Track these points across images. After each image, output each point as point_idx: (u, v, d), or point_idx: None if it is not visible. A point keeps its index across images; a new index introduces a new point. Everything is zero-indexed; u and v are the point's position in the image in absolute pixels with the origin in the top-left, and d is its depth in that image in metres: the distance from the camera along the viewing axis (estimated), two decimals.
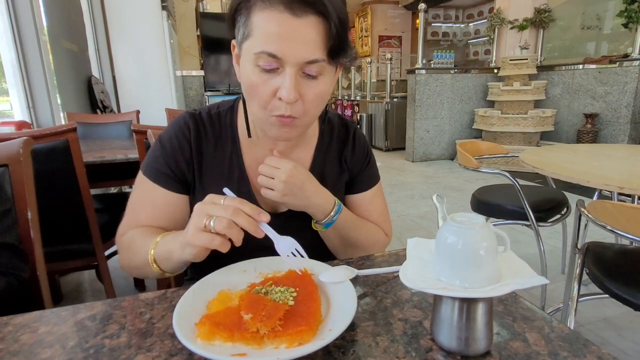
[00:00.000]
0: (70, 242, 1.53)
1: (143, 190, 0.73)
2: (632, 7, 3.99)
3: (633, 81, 4.15)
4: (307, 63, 0.58)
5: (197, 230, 0.53)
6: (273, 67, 0.58)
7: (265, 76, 0.59)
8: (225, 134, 0.76)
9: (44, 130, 1.38)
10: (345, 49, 0.61)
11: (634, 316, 1.74)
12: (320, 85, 0.62)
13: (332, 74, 0.64)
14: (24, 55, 2.45)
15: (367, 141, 0.88)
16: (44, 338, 0.50)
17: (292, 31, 0.56)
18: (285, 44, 0.56)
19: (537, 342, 0.47)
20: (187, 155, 0.73)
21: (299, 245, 0.60)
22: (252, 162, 0.76)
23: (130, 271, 0.71)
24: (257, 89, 0.60)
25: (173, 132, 0.74)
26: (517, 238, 2.67)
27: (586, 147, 2.16)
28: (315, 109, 0.64)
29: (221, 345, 0.45)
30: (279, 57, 0.57)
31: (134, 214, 0.73)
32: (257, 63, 0.58)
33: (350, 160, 0.83)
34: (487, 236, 0.43)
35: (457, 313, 0.45)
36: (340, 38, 0.59)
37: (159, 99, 3.85)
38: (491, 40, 5.68)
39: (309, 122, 0.67)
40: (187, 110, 0.78)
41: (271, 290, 0.54)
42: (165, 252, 0.61)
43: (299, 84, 0.60)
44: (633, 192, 1.24)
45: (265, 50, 0.57)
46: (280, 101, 0.60)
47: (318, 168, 0.80)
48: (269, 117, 0.63)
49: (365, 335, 0.49)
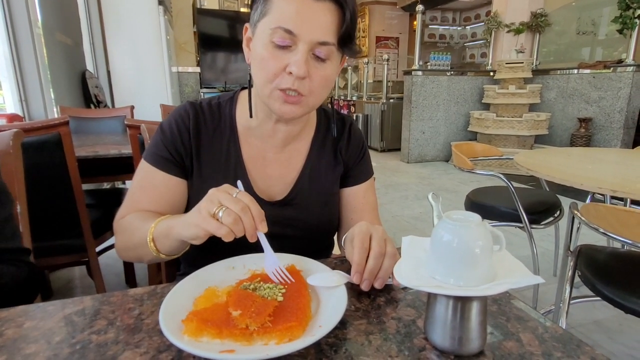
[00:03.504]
0: (60, 237, 1.51)
1: (144, 174, 0.75)
2: (626, 13, 4.02)
3: (627, 87, 4.19)
4: (319, 44, 0.62)
5: (208, 215, 0.54)
6: (286, 44, 0.62)
7: (278, 52, 0.63)
8: (224, 123, 0.79)
9: (35, 123, 1.36)
10: (353, 40, 0.66)
11: (624, 319, 1.76)
12: (327, 69, 0.65)
13: (337, 61, 0.68)
14: (17, 48, 2.42)
15: (363, 135, 0.89)
16: (29, 333, 0.49)
17: (309, 12, 0.60)
18: (302, 22, 0.60)
19: (531, 342, 0.47)
20: (185, 141, 0.75)
21: (284, 268, 0.59)
22: (249, 151, 0.78)
23: (125, 254, 0.72)
24: (268, 62, 0.63)
25: (173, 119, 0.76)
26: (510, 240, 2.68)
27: (580, 151, 2.17)
28: (321, 91, 0.68)
29: (209, 341, 0.45)
30: (295, 34, 0.61)
31: (134, 198, 0.74)
32: (272, 39, 0.62)
33: (346, 153, 0.85)
34: (482, 235, 0.43)
35: (451, 312, 0.44)
36: (351, 28, 0.64)
37: (154, 95, 3.81)
38: (487, 44, 5.71)
39: (313, 103, 0.69)
40: (189, 100, 0.80)
41: (259, 286, 0.54)
42: (165, 228, 0.61)
43: (309, 63, 0.63)
44: (625, 195, 1.24)
45: (282, 26, 0.61)
46: (290, 75, 0.63)
47: (313, 160, 0.82)
48: (274, 91, 0.65)
49: (358, 333, 0.49)
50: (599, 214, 1.17)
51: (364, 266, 0.57)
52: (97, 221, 1.61)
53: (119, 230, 0.73)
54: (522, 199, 1.76)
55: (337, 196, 0.86)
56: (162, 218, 0.64)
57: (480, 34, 7.47)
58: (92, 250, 1.55)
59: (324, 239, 0.86)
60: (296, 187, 0.80)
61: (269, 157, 0.79)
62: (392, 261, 0.58)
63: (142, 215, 0.70)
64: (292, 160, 0.81)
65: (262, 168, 0.79)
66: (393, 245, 0.61)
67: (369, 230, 0.61)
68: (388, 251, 0.59)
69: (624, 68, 4.20)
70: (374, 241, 0.59)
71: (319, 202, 0.81)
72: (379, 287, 0.58)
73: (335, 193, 0.85)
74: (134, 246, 0.68)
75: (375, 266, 0.57)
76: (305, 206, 0.80)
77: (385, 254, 0.58)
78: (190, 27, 5.50)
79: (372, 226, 0.62)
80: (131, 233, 0.68)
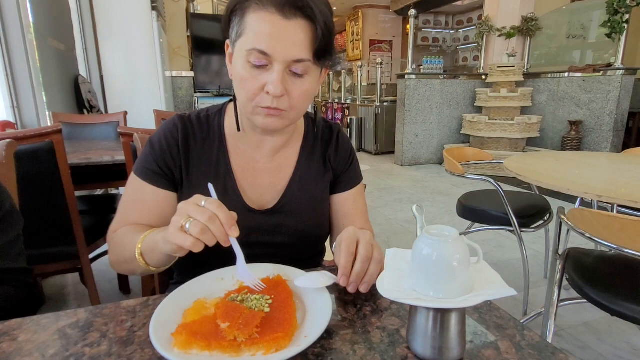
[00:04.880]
0: (53, 244, 1.51)
1: (134, 188, 0.76)
2: (614, 18, 4.09)
3: (616, 90, 4.26)
4: (294, 62, 0.63)
5: (176, 229, 0.54)
6: (262, 64, 0.63)
7: (256, 72, 0.64)
8: (212, 134, 0.80)
9: (27, 132, 1.36)
10: (330, 52, 0.67)
11: (613, 321, 1.79)
12: (305, 84, 0.67)
13: (317, 75, 0.69)
14: (8, 53, 2.41)
15: (350, 142, 0.91)
16: (23, 346, 0.50)
17: (282, 31, 0.61)
18: (275, 42, 0.61)
19: (509, 350, 0.49)
20: (175, 154, 0.77)
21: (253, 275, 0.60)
22: (238, 162, 0.80)
23: (118, 267, 0.73)
24: (247, 83, 0.65)
25: (162, 134, 0.78)
26: (501, 243, 2.72)
27: (569, 155, 2.21)
28: (301, 105, 0.69)
29: (198, 354, 0.46)
30: (269, 55, 0.62)
31: (125, 212, 0.76)
32: (249, 59, 0.63)
33: (334, 160, 0.87)
34: (460, 249, 0.45)
35: (431, 323, 0.46)
36: (326, 41, 0.64)
37: (148, 100, 3.81)
38: (480, 47, 5.77)
39: (295, 116, 0.71)
40: (178, 113, 0.82)
41: (247, 298, 0.55)
42: (151, 243, 0.63)
43: (286, 80, 0.65)
44: (611, 200, 1.27)
45: (256, 48, 0.62)
46: (268, 95, 0.64)
47: (303, 167, 0.84)
48: (256, 108, 0.67)
49: (343, 343, 0.50)
50: (584, 219, 1.20)
51: (350, 269, 0.59)
52: (90, 228, 1.61)
53: (111, 245, 0.74)
54: (512, 203, 1.78)
55: (327, 203, 0.87)
56: (149, 232, 0.65)
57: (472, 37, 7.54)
58: (85, 257, 1.55)
59: (315, 245, 0.88)
60: (286, 195, 0.81)
61: (259, 167, 0.81)
62: (379, 266, 0.60)
63: (132, 230, 0.71)
64: (282, 169, 0.83)
65: (252, 178, 0.80)
66: (380, 250, 0.62)
67: (357, 235, 0.63)
68: (375, 256, 0.60)
69: (613, 72, 4.27)
70: (361, 246, 0.61)
71: (309, 209, 0.83)
72: (364, 291, 0.60)
73: (325, 200, 0.86)
74: (125, 260, 0.69)
75: (362, 270, 0.59)
76: (295, 213, 0.81)
77: (372, 258, 0.60)
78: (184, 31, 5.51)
79: (359, 231, 0.64)
80: (122, 247, 0.69)
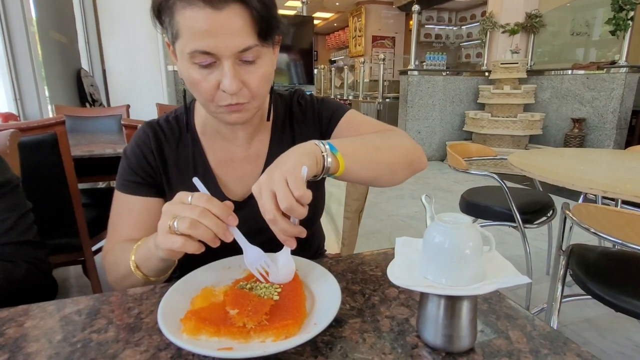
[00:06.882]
0: (56, 236, 1.51)
1: (119, 204, 0.74)
2: (619, 15, 4.07)
3: (619, 87, 4.24)
4: (241, 52, 0.59)
5: (163, 232, 0.52)
6: (209, 62, 0.59)
7: (205, 72, 0.60)
8: (184, 135, 0.77)
9: (31, 123, 1.36)
10: (275, 27, 0.62)
11: (615, 317, 1.79)
12: (260, 69, 0.63)
13: (270, 54, 0.65)
14: (11, 46, 2.41)
15: (313, 95, 0.84)
16: (29, 332, 0.50)
17: (217, 25, 0.56)
18: (215, 38, 0.57)
19: (519, 339, 0.48)
20: (151, 161, 0.75)
21: (267, 257, 0.58)
22: (215, 157, 0.77)
23: (118, 285, 0.70)
24: (200, 85, 0.61)
25: (135, 144, 0.75)
26: (504, 239, 2.71)
27: (573, 151, 2.20)
28: (261, 91, 0.65)
29: (207, 340, 0.46)
30: (213, 53, 0.58)
31: (115, 228, 0.74)
32: (194, 61, 0.59)
33: (304, 122, 0.81)
34: (473, 236, 0.44)
35: (442, 311, 0.45)
36: (267, 19, 0.59)
37: (150, 94, 3.80)
38: (483, 44, 5.74)
39: (258, 104, 0.68)
40: (145, 121, 0.79)
41: (256, 286, 0.54)
42: (144, 252, 0.61)
43: (239, 72, 0.60)
44: (616, 196, 1.26)
45: (197, 49, 0.57)
46: (225, 92, 0.61)
47: (275, 146, 0.79)
48: (218, 108, 0.64)
49: (352, 331, 0.50)
50: (590, 214, 1.19)
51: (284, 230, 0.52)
52: (93, 220, 1.61)
53: (107, 267, 0.72)
54: (515, 199, 1.78)
55: None
56: (140, 242, 0.63)
57: (475, 34, 7.51)
58: (88, 249, 1.55)
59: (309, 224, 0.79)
60: None
61: (237, 158, 0.78)
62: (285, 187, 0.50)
63: (123, 247, 0.69)
64: (260, 154, 0.79)
65: (232, 170, 0.78)
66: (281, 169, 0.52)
67: (259, 189, 0.52)
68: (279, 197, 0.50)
69: (617, 69, 4.25)
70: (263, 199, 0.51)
71: None
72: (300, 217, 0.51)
73: None
74: (122, 277, 0.67)
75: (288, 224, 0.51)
76: None
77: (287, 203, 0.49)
78: None
79: (262, 182, 0.52)
80: (116, 264, 0.68)
